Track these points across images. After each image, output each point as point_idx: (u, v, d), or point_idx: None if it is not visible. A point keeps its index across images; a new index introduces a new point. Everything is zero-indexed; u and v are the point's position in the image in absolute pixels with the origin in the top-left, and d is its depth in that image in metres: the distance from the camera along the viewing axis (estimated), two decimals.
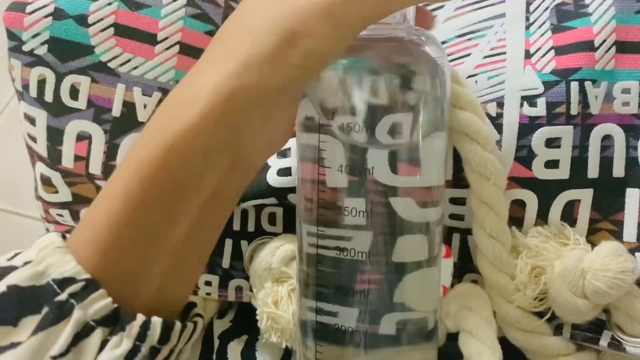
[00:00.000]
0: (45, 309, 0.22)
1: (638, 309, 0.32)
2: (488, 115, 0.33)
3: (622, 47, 0.33)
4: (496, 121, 0.33)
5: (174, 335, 0.24)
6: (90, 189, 0.37)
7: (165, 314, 0.24)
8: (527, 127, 0.32)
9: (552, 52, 0.33)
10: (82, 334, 0.23)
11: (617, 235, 0.33)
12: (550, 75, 0.33)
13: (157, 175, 0.24)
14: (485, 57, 0.34)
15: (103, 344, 0.23)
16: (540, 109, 0.32)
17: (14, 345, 0.22)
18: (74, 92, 0.34)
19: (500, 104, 0.33)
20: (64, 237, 0.25)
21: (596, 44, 0.32)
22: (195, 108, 0.23)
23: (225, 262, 0.37)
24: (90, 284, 0.23)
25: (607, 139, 0.33)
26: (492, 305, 0.33)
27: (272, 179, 0.35)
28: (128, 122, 0.35)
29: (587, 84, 0.32)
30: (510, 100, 0.33)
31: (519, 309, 0.33)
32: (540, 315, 0.33)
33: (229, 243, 0.37)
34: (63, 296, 0.23)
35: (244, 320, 0.38)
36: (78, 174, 0.36)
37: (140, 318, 0.23)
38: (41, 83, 0.34)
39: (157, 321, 0.24)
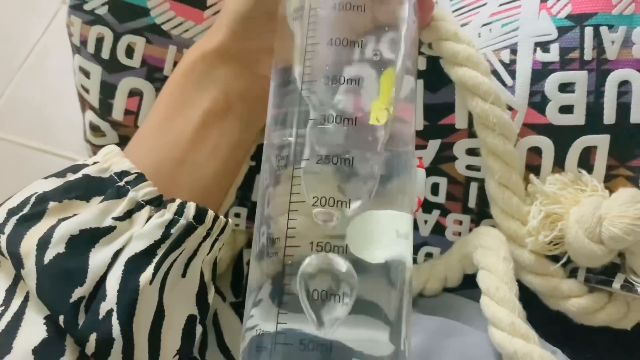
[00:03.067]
0: (108, 191, 0.29)
1: None
2: (501, 61, 0.33)
3: None
4: (509, 67, 0.33)
5: (208, 219, 0.30)
6: None
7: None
8: (540, 73, 0.33)
9: None
10: (135, 209, 0.29)
11: (634, 181, 0.33)
12: (565, 20, 0.33)
13: (182, 78, 0.33)
14: (500, 4, 0.34)
15: (150, 217, 0.29)
16: (553, 55, 0.32)
17: (85, 212, 0.29)
18: (130, 51, 0.37)
19: (514, 51, 0.33)
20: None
21: None
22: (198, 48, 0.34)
23: (255, 196, 0.39)
24: (140, 176, 0.30)
25: (624, 84, 0.32)
26: None
27: None
28: None
29: (603, 29, 0.32)
30: (524, 46, 0.33)
31: (532, 253, 0.34)
32: (554, 259, 0.34)
33: (258, 178, 0.39)
34: (121, 183, 0.30)
35: None
36: (127, 125, 0.39)
37: (178, 200, 0.30)
38: (99, 41, 0.37)
39: (191, 204, 0.30)
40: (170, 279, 0.29)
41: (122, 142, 0.39)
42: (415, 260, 0.39)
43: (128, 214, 0.29)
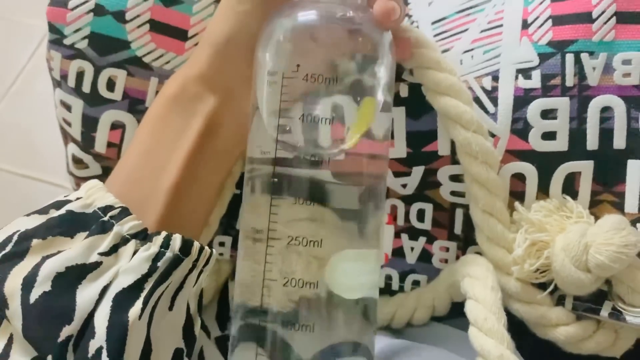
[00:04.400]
0: (93, 226, 0.29)
1: (639, 281, 0.32)
2: (483, 88, 0.33)
3: (623, 17, 0.32)
4: (491, 94, 0.33)
5: (194, 251, 0.30)
6: None
7: None
8: (522, 99, 0.33)
9: (550, 21, 0.33)
10: (120, 243, 0.29)
11: (619, 206, 0.33)
12: (546, 47, 0.33)
13: (164, 108, 0.33)
14: (482, 31, 0.34)
15: (136, 251, 0.29)
16: (534, 81, 0.32)
17: (70, 249, 0.29)
18: (111, 84, 0.36)
19: (495, 78, 0.33)
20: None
21: (594, 15, 0.32)
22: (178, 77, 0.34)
23: (239, 224, 0.39)
24: (125, 210, 0.30)
25: (606, 110, 0.32)
26: None
27: None
28: None
29: (584, 56, 0.32)
30: (505, 73, 0.33)
31: (518, 281, 0.34)
32: (541, 286, 0.34)
33: None
34: (105, 218, 0.29)
35: None
36: (109, 158, 0.38)
37: (164, 233, 0.30)
38: (80, 75, 0.37)
39: (177, 236, 0.30)
40: (157, 313, 0.29)
41: (105, 173, 0.39)
42: (402, 289, 0.38)
43: (114, 249, 0.29)
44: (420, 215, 0.37)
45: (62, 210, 0.30)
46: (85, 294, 0.28)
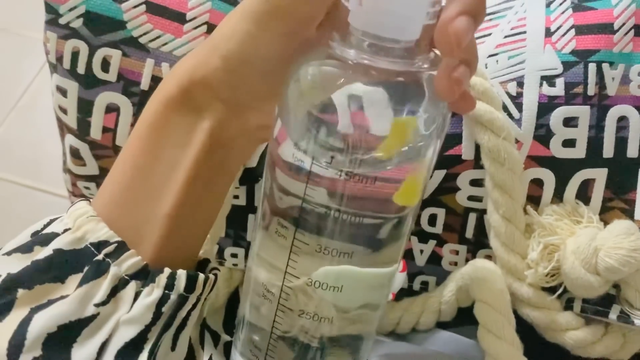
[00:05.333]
0: (86, 268, 0.26)
1: None
2: (508, 94, 0.34)
3: None
4: (516, 100, 0.34)
5: (198, 286, 0.27)
6: None
7: (173, 268, 0.27)
8: (546, 106, 0.33)
9: (573, 31, 0.34)
10: (119, 286, 0.26)
11: (629, 213, 0.34)
12: (569, 55, 0.33)
13: (148, 134, 0.28)
14: (505, 36, 0.35)
15: (137, 294, 0.26)
16: (558, 89, 0.33)
17: (63, 297, 0.26)
18: (105, 65, 0.35)
19: (520, 84, 0.34)
20: (89, 201, 0.29)
21: (615, 26, 0.33)
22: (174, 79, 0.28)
23: (249, 236, 0.38)
24: (122, 245, 0.26)
25: (622, 119, 0.33)
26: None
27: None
28: None
29: (605, 66, 0.33)
30: (530, 79, 0.33)
31: (529, 286, 0.34)
32: (551, 290, 0.34)
33: (251, 218, 0.38)
34: (100, 256, 0.26)
35: None
36: (105, 145, 0.37)
37: (167, 271, 0.26)
38: (75, 55, 0.35)
39: (182, 273, 0.27)
40: (159, 357, 0.26)
41: (102, 173, 0.38)
42: (410, 288, 0.38)
43: (112, 293, 0.26)
44: (432, 220, 0.37)
45: (49, 250, 0.26)
46: (82, 353, 0.25)
